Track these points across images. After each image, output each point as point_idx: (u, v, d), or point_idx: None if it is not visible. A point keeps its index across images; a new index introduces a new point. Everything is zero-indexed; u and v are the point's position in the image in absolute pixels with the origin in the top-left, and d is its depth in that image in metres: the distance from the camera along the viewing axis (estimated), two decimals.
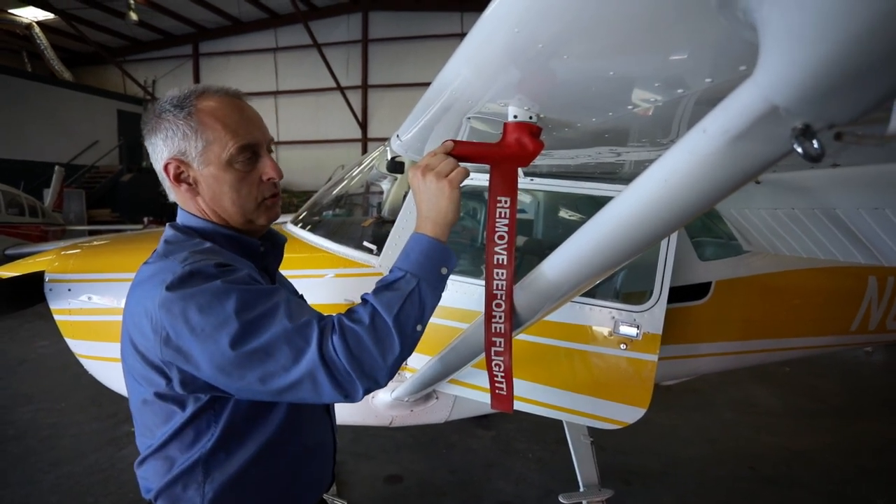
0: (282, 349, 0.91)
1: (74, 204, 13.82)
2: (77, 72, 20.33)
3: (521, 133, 1.15)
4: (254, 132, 1.09)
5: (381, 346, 0.93)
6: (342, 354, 0.91)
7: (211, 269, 0.96)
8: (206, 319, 0.91)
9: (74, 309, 2.58)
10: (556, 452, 3.88)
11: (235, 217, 1.11)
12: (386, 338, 0.94)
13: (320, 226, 3.11)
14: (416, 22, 18.41)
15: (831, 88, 0.54)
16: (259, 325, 0.92)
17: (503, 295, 1.18)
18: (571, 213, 2.87)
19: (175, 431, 1.05)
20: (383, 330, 0.94)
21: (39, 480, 3.42)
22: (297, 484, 1.17)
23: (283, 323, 0.92)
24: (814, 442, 4.23)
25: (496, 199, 1.18)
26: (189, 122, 1.04)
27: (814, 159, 0.60)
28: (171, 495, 1.07)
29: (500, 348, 1.21)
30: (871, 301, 3.07)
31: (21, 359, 5.86)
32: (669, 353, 2.62)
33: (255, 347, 0.91)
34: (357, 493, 3.37)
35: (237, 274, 0.98)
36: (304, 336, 0.92)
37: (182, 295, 0.93)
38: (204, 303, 0.92)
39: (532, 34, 0.80)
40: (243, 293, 0.94)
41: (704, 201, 0.82)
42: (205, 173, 1.07)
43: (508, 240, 1.17)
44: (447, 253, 1.06)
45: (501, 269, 1.17)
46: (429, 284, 1.02)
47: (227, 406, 1.05)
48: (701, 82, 0.86)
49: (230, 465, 1.07)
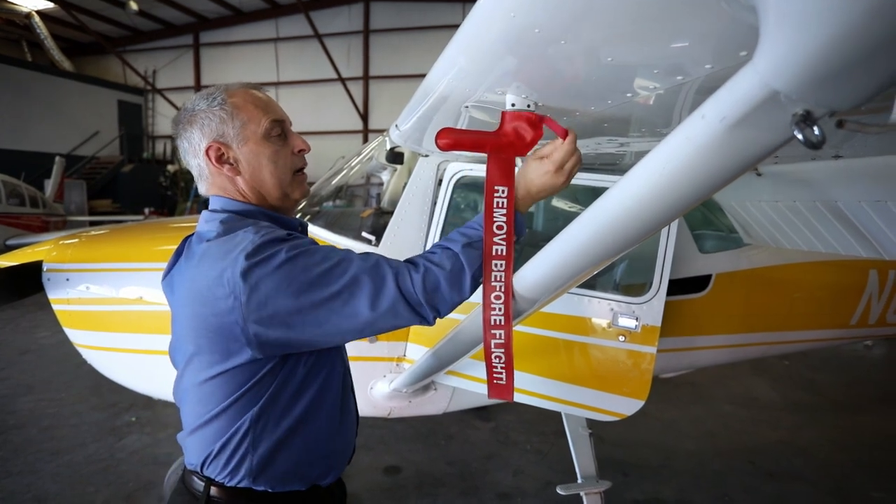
0: (364, 286, 1.04)
1: (75, 194, 13.83)
2: (77, 62, 20.25)
3: (518, 122, 1.14)
4: (278, 111, 1.21)
5: (455, 289, 1.10)
6: (419, 290, 1.06)
7: (284, 234, 1.08)
8: (293, 276, 1.02)
9: (72, 298, 2.57)
10: (555, 444, 3.89)
11: (274, 191, 1.19)
12: (461, 283, 1.11)
13: (319, 216, 3.10)
14: (417, 12, 18.29)
15: (833, 73, 0.53)
16: (342, 269, 1.05)
17: (502, 286, 1.17)
18: (571, 204, 2.85)
19: (233, 401, 1.10)
20: (459, 277, 1.11)
21: (40, 470, 3.43)
22: (330, 448, 1.24)
23: (359, 264, 1.06)
24: (813, 435, 4.23)
25: (493, 189, 1.16)
26: (224, 108, 1.15)
27: (814, 146, 0.59)
28: (220, 461, 1.13)
29: (500, 340, 1.20)
30: (872, 295, 3.06)
31: (22, 349, 5.88)
32: (668, 346, 2.61)
33: (341, 287, 1.03)
34: (356, 483, 3.38)
35: (303, 238, 1.10)
36: (380, 273, 1.06)
37: (266, 258, 1.01)
38: (288, 262, 1.02)
39: (529, 19, 0.78)
40: (319, 249, 1.07)
41: (703, 190, 0.81)
42: (244, 150, 1.16)
43: (507, 230, 1.15)
44: (523, 227, 1.21)
45: (500, 261, 1.16)
46: None
47: (279, 373, 1.11)
48: (701, 69, 0.84)
49: (277, 430, 1.13)
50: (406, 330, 2.48)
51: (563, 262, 1.15)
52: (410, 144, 2.34)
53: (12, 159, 14.73)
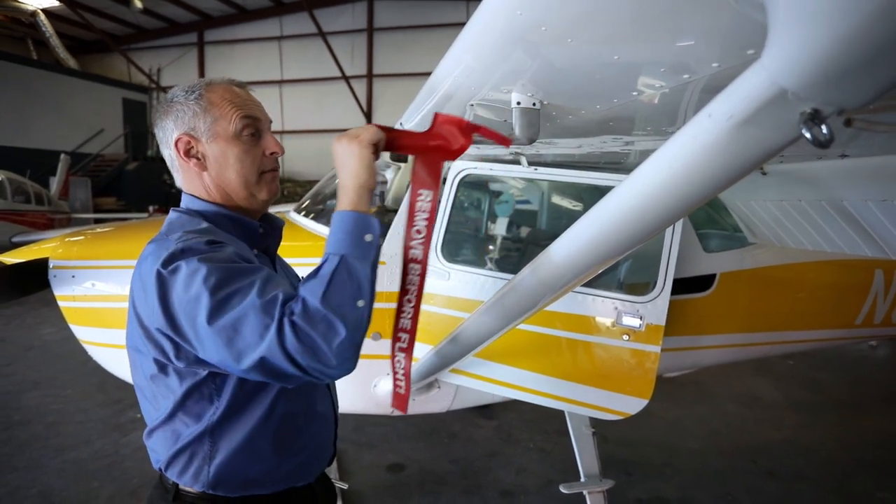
0: (249, 325, 0.92)
1: (80, 192, 13.86)
2: (82, 60, 20.30)
3: (450, 126, 1.09)
4: (255, 110, 1.17)
5: (320, 330, 0.91)
6: (290, 341, 0.91)
7: (201, 245, 1.01)
8: (188, 294, 0.96)
9: (78, 295, 2.59)
10: (558, 443, 3.88)
11: (238, 190, 1.16)
12: (321, 321, 0.92)
13: (323, 214, 3.10)
14: (421, 10, 18.25)
15: (842, 72, 0.53)
16: (231, 300, 0.94)
17: (415, 291, 1.13)
18: (576, 203, 2.85)
19: (178, 402, 1.09)
20: (317, 315, 0.92)
21: (45, 465, 3.45)
22: (299, 453, 1.21)
23: (252, 300, 0.93)
24: (816, 435, 4.22)
25: (417, 192, 1.11)
26: (199, 102, 1.14)
27: (823, 145, 0.59)
28: (178, 465, 1.12)
29: (403, 344, 1.16)
30: (878, 294, 3.04)
31: (27, 345, 5.91)
32: (672, 345, 2.61)
33: (225, 323, 0.93)
34: (359, 481, 3.39)
35: (223, 252, 1.01)
36: (270, 314, 0.92)
37: (173, 269, 0.98)
38: (188, 278, 0.96)
39: (535, 17, 0.78)
40: (223, 270, 0.97)
41: (709, 189, 0.81)
42: (213, 147, 1.14)
43: (426, 235, 1.11)
44: (365, 220, 1.01)
45: (416, 265, 1.12)
46: (355, 257, 0.98)
47: (228, 378, 1.08)
48: (708, 67, 0.84)
49: (235, 436, 1.11)
50: None
51: (567, 260, 1.15)
52: None
53: (18, 157, 14.75)
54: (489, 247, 2.80)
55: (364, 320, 0.96)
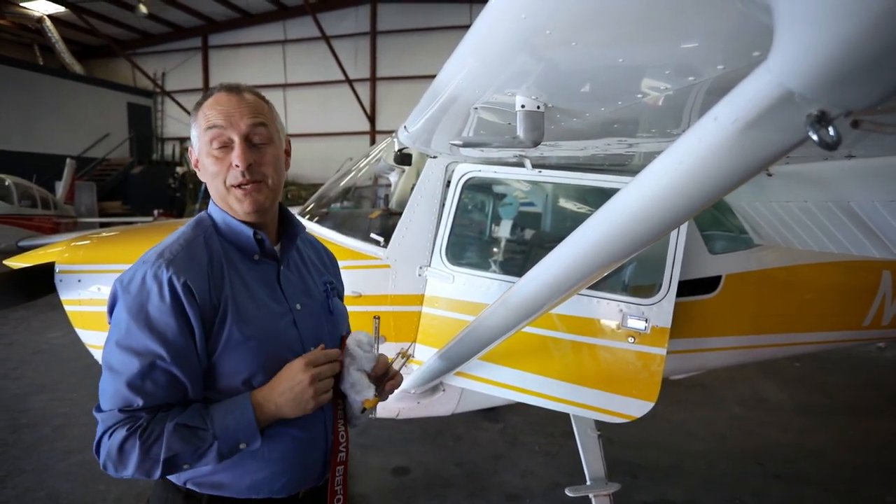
0: (106, 395, 1.09)
1: (85, 196, 13.92)
2: (87, 65, 20.46)
3: None
4: (224, 122, 1.14)
5: (118, 461, 1.06)
6: (103, 455, 1.07)
7: (151, 274, 1.11)
8: (113, 320, 1.13)
9: (84, 299, 2.60)
10: (564, 446, 3.87)
11: (218, 201, 1.22)
12: (123, 462, 1.06)
13: (327, 217, 3.11)
14: (424, 13, 18.30)
15: (849, 73, 0.52)
16: (113, 361, 1.09)
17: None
18: (580, 205, 2.84)
19: None
20: (121, 457, 1.06)
21: (52, 468, 3.47)
22: (281, 472, 1.20)
23: (116, 386, 1.07)
24: (823, 438, 4.19)
25: None
26: (195, 114, 1.19)
27: (830, 147, 0.58)
28: None
29: None
30: (885, 296, 3.02)
31: (34, 349, 5.94)
32: (678, 347, 2.59)
33: (105, 367, 1.11)
34: (365, 484, 3.39)
35: (151, 299, 1.10)
36: (106, 421, 1.08)
37: (122, 290, 1.14)
38: (117, 313, 1.12)
39: (539, 20, 0.78)
40: (125, 336, 1.09)
41: (715, 192, 0.80)
42: (201, 159, 1.19)
43: None
44: (256, 435, 1.11)
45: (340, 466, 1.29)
46: (222, 449, 1.08)
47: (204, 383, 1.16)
48: (713, 69, 0.84)
49: None
50: (413, 330, 2.48)
51: (573, 263, 1.15)
52: (419, 146, 2.34)
53: (24, 161, 14.87)
54: (493, 249, 2.80)
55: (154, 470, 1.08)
